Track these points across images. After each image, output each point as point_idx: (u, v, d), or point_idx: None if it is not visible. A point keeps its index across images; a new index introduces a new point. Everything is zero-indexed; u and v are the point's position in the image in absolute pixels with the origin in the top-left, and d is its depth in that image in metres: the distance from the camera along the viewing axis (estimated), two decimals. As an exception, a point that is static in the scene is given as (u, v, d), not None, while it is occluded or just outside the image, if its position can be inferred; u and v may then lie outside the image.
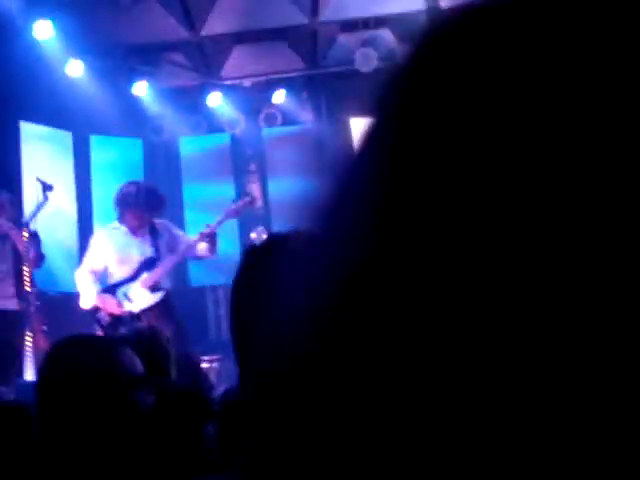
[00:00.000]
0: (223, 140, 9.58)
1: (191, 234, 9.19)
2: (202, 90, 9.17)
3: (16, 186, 7.26)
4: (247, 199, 7.25)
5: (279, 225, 9.29)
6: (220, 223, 6.68)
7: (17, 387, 4.81)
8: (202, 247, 6.56)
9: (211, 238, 6.52)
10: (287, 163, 9.33)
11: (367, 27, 9.07)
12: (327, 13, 8.58)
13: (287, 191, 9.30)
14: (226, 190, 9.39)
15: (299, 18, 8.49)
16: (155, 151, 9.49)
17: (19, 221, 6.11)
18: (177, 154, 9.50)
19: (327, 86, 9.49)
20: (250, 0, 8.17)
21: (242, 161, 9.58)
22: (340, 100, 9.56)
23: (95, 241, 6.54)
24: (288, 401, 0.28)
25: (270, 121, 9.34)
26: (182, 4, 7.72)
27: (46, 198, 6.20)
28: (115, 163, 8.96)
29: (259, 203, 8.49)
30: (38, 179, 6.32)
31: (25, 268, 5.87)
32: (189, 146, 9.55)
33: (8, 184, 6.76)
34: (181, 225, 9.15)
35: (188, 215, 9.26)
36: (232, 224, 8.00)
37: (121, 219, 6.37)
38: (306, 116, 9.41)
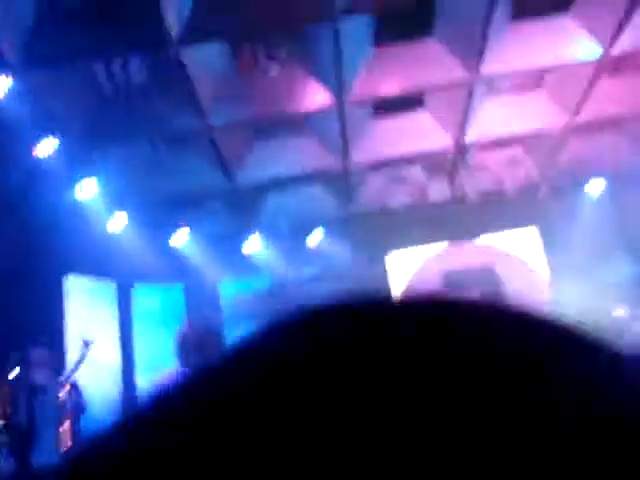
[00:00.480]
0: (263, 283, 9.69)
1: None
2: (240, 235, 9.40)
3: (58, 339, 7.34)
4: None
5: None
6: None
7: None
8: None
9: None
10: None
11: (397, 166, 9.25)
12: (357, 155, 8.79)
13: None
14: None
15: (331, 161, 8.71)
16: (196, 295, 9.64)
17: (60, 374, 6.14)
18: (217, 296, 9.62)
19: (362, 224, 9.62)
20: (283, 148, 8.42)
21: (282, 303, 9.63)
22: (375, 235, 9.65)
23: None
24: None
25: (309, 262, 9.47)
26: (216, 153, 7.98)
27: (85, 354, 6.28)
28: (157, 309, 9.11)
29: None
30: (82, 337, 6.42)
31: (67, 421, 5.83)
32: (229, 289, 9.69)
33: (51, 337, 6.85)
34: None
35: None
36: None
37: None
38: (344, 254, 9.50)
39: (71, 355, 6.86)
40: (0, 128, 6.01)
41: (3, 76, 5.69)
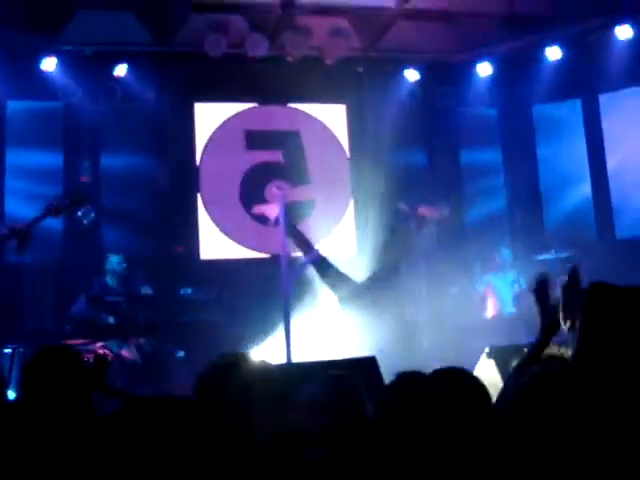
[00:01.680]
0: (56, 108, 8.95)
1: (10, 203, 8.55)
2: (36, 53, 8.52)
3: None
4: (74, 199, 6.26)
5: (108, 200, 8.84)
6: (37, 222, 5.76)
7: None
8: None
9: (23, 236, 5.63)
10: (122, 138, 8.91)
11: (219, 11, 8.84)
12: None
13: (120, 168, 8.88)
14: (54, 161, 8.82)
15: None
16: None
17: None
18: (2, 117, 8.76)
19: (174, 66, 9.14)
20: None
21: (75, 133, 9.01)
22: (186, 83, 9.26)
23: None
24: None
25: (109, 94, 8.84)
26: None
27: None
28: None
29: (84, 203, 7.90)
30: None
31: None
32: (17, 110, 8.85)
33: None
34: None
35: (8, 182, 8.59)
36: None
37: None
38: (147, 95, 8.99)
39: None
40: None
41: None
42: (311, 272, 7.77)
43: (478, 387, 2.44)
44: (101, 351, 6.42)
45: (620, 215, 9.33)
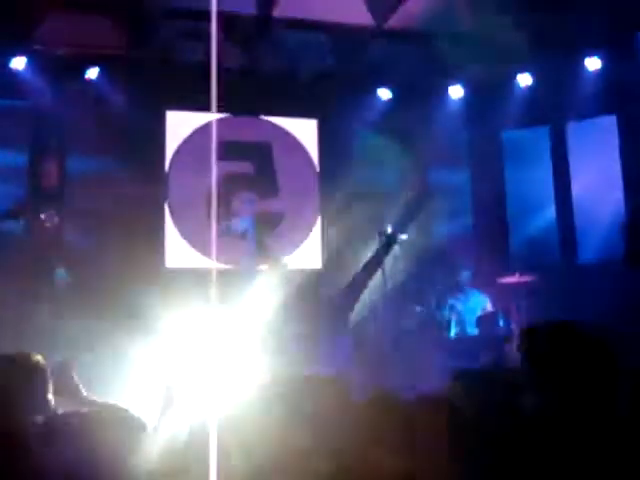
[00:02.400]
0: (24, 108, 8.79)
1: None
2: (6, 51, 8.38)
3: None
4: (35, 205, 6.06)
5: (72, 203, 8.70)
6: None
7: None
8: None
9: None
10: (90, 142, 8.79)
11: (195, 19, 8.80)
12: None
13: (87, 172, 8.75)
14: (19, 161, 8.66)
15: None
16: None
17: None
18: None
19: (147, 72, 9.05)
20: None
21: (42, 133, 8.85)
22: (158, 89, 9.18)
23: None
24: None
25: (80, 97, 8.71)
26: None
27: None
28: None
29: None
30: None
31: None
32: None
33: None
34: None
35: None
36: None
37: None
38: (119, 99, 8.89)
39: None
40: None
41: None
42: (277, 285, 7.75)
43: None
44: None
45: (583, 240, 9.50)
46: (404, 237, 7.81)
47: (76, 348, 6.47)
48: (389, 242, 7.39)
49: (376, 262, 7.32)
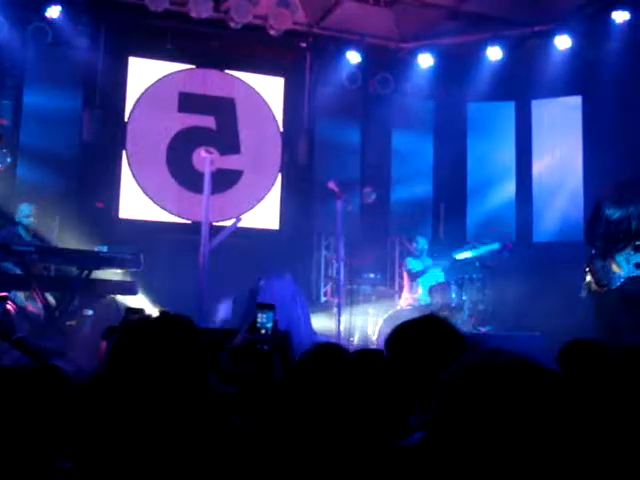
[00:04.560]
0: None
1: None
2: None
3: None
4: None
5: (28, 144, 8.45)
6: None
7: None
8: None
9: None
10: (49, 82, 8.51)
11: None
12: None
13: (43, 112, 8.49)
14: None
15: None
16: None
17: None
18: None
19: (111, 16, 8.78)
20: None
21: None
22: (123, 34, 8.92)
23: None
24: None
25: (39, 35, 8.41)
26: None
27: None
28: None
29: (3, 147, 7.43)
30: None
31: None
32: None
33: None
34: None
35: None
36: None
37: None
38: (81, 41, 8.61)
39: None
40: None
41: None
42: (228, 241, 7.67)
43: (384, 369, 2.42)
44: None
45: (539, 219, 9.58)
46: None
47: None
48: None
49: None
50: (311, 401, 2.07)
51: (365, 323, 8.31)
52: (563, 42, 8.91)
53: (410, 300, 8.38)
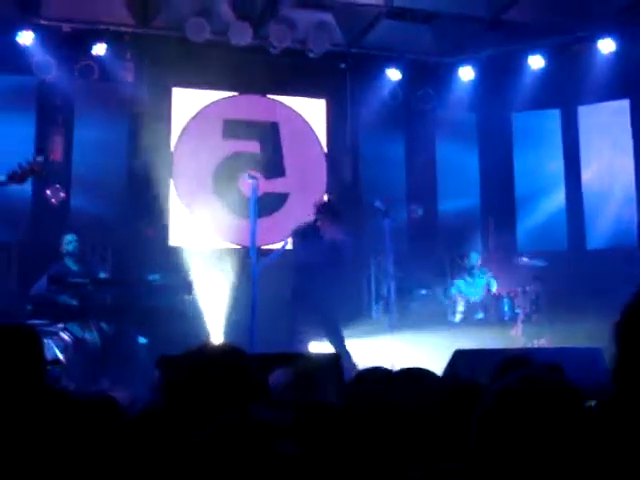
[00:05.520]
0: (30, 83, 8.74)
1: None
2: (13, 26, 8.32)
3: None
4: (37, 166, 6.11)
5: (79, 179, 8.66)
6: None
7: None
8: None
9: None
10: (97, 116, 8.73)
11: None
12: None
13: (93, 147, 8.71)
14: (26, 136, 8.61)
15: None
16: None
17: None
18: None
19: (154, 49, 8.99)
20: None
21: (48, 108, 8.80)
22: (165, 66, 9.12)
23: None
24: None
25: (86, 72, 8.67)
26: None
27: None
28: None
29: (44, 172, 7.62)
30: None
31: None
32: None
33: None
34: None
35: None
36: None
37: None
38: (126, 75, 8.83)
39: None
40: None
41: None
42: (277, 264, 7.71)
43: (438, 389, 2.39)
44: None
45: (591, 226, 9.39)
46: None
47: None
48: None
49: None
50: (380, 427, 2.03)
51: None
52: (607, 46, 8.78)
53: (462, 316, 8.29)
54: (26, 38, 8.35)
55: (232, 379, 2.16)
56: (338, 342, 6.81)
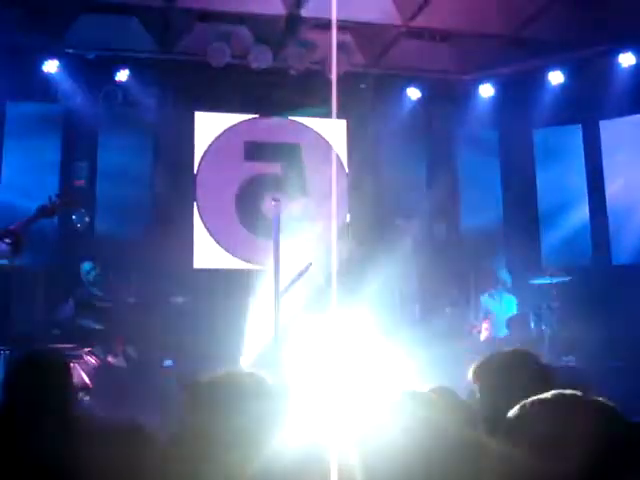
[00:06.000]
0: (55, 111, 8.90)
1: (7, 198, 8.45)
2: (39, 55, 8.49)
3: None
4: (67, 200, 6.19)
5: (104, 205, 8.77)
6: (30, 222, 5.65)
7: None
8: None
9: (14, 239, 5.50)
10: (121, 140, 8.85)
11: (225, 21, 8.84)
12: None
13: (117, 173, 8.81)
14: (51, 163, 8.75)
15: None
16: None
17: None
18: (1, 118, 8.72)
19: (176, 74, 9.11)
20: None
21: (73, 135, 8.94)
22: (187, 91, 9.23)
23: None
24: None
25: (110, 99, 8.81)
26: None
27: None
28: None
29: (77, 205, 7.69)
30: None
31: None
32: (16, 111, 8.80)
33: None
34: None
35: (6, 182, 8.51)
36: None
37: None
38: (149, 101, 8.96)
39: None
40: None
41: None
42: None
43: (465, 408, 2.36)
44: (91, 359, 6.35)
45: (616, 241, 9.31)
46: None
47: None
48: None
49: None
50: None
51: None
52: (627, 59, 8.74)
53: (487, 333, 8.23)
54: (51, 66, 8.52)
55: (256, 408, 2.16)
56: None
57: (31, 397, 2.62)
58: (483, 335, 8.26)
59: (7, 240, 5.50)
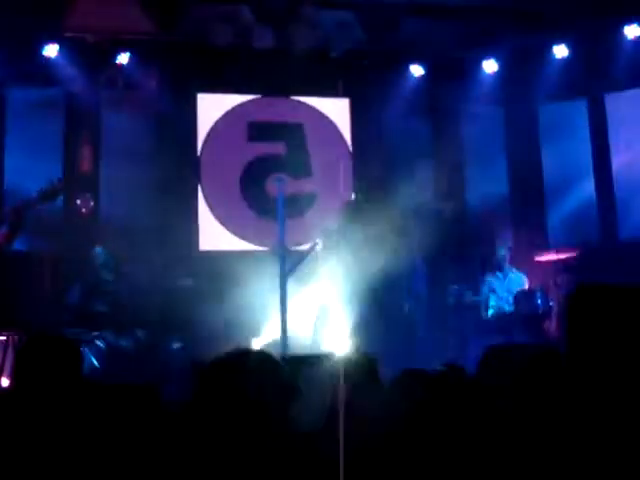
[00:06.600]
0: (56, 95, 8.87)
1: (11, 181, 8.46)
2: (38, 39, 8.44)
3: None
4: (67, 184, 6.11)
5: (108, 189, 8.77)
6: (29, 206, 5.62)
7: None
8: None
9: (13, 224, 5.44)
10: (124, 124, 8.82)
11: (226, 1, 8.79)
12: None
13: (120, 157, 8.79)
14: (54, 148, 8.74)
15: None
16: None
17: None
18: (2, 103, 8.69)
19: (177, 56, 9.06)
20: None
21: (75, 119, 8.91)
22: (189, 72, 9.18)
23: None
24: None
25: (111, 82, 8.77)
26: None
27: None
28: None
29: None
30: None
31: None
32: (17, 96, 8.78)
33: None
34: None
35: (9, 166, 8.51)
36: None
37: None
38: (151, 83, 8.92)
39: None
40: None
41: None
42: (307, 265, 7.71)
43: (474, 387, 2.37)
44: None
45: (623, 216, 9.27)
46: None
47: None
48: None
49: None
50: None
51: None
52: (633, 31, 8.65)
53: (494, 310, 8.23)
54: (51, 51, 8.46)
55: (265, 385, 2.16)
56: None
57: (41, 382, 2.63)
58: (490, 312, 8.27)
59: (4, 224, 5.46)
